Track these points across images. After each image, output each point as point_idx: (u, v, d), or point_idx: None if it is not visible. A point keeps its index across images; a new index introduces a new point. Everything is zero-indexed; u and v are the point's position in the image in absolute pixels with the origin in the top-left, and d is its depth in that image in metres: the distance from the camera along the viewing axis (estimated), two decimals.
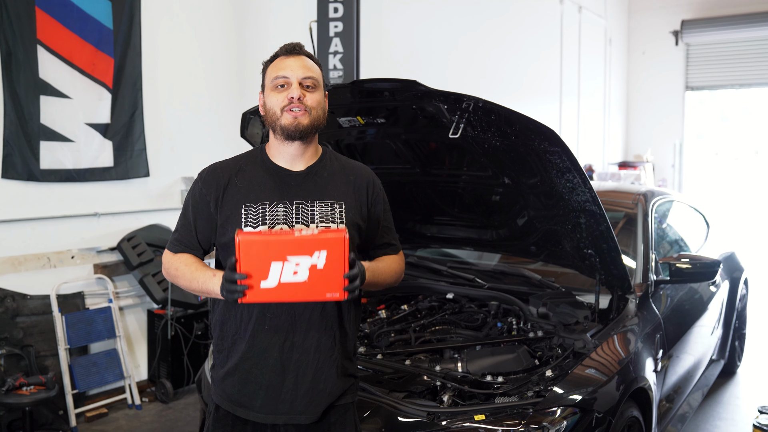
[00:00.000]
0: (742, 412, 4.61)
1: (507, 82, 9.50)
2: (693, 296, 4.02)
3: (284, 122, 2.00)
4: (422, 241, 3.84)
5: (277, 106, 2.00)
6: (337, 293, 1.77)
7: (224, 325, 2.06)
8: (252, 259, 1.72)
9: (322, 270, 1.74)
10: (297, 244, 1.73)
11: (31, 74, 4.21)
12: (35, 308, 4.30)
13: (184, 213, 2.09)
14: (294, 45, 2.07)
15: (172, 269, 2.06)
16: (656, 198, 4.15)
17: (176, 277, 2.04)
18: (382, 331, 3.18)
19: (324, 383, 2.01)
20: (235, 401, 2.03)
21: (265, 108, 2.05)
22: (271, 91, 2.03)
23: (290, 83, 2.00)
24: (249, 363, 2.01)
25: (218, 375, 2.07)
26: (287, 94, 2.00)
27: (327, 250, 1.73)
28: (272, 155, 2.08)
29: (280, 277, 1.74)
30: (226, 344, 2.06)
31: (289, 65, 2.02)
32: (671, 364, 3.49)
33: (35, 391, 3.85)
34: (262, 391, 2.00)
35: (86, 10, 4.47)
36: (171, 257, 2.08)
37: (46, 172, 4.34)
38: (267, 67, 2.07)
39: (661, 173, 13.44)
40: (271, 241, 1.73)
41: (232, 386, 2.03)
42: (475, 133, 2.65)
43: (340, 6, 5.34)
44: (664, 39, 13.35)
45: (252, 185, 2.02)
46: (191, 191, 2.09)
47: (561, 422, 2.39)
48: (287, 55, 2.05)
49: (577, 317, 3.09)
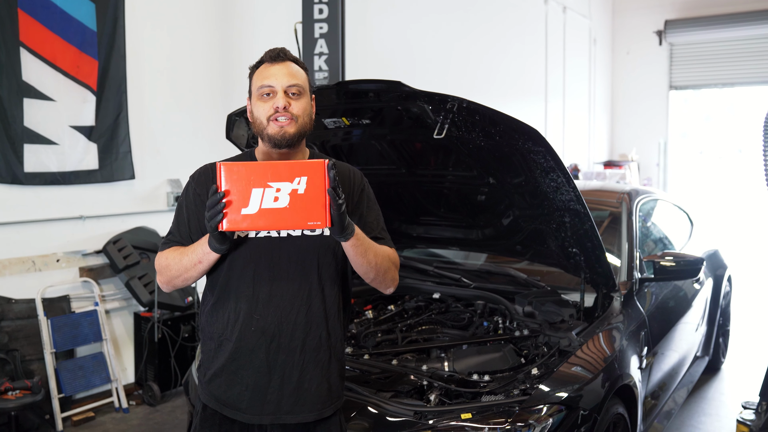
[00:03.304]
0: (726, 407, 4.65)
1: (492, 82, 9.53)
2: (677, 294, 4.06)
3: (271, 132, 2.00)
4: (408, 241, 3.85)
5: (263, 116, 2.01)
6: (318, 221, 1.76)
7: (211, 326, 2.07)
8: (233, 184, 1.73)
9: (302, 195, 1.74)
10: (277, 170, 1.74)
11: (14, 76, 4.18)
12: (20, 312, 4.27)
13: (177, 215, 2.10)
14: (279, 51, 2.06)
15: (162, 262, 2.03)
16: (640, 197, 4.18)
17: (167, 267, 2.01)
18: (369, 331, 3.19)
19: (309, 383, 2.02)
20: (222, 401, 2.04)
21: (253, 116, 2.06)
22: (257, 100, 2.03)
23: (275, 92, 2.00)
24: (236, 364, 2.01)
25: (205, 375, 2.08)
26: (273, 103, 2.00)
27: (308, 176, 1.74)
28: (262, 159, 2.10)
29: (261, 203, 1.74)
30: (213, 345, 2.06)
31: (273, 73, 2.02)
32: (656, 361, 3.52)
33: (21, 395, 3.83)
34: (249, 391, 2.01)
35: (69, 12, 4.44)
36: (161, 254, 2.06)
37: (30, 175, 4.31)
38: (253, 74, 2.07)
39: (646, 172, 13.53)
40: (251, 166, 1.75)
41: (218, 387, 2.04)
42: (459, 134, 2.66)
43: (325, 7, 5.35)
44: (648, 39, 13.45)
45: None
46: (185, 193, 2.10)
47: (547, 420, 2.40)
48: (272, 62, 2.04)
49: (562, 315, 3.11)
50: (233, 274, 2.02)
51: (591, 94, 13.02)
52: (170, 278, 2.03)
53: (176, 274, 2.00)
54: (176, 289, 2.23)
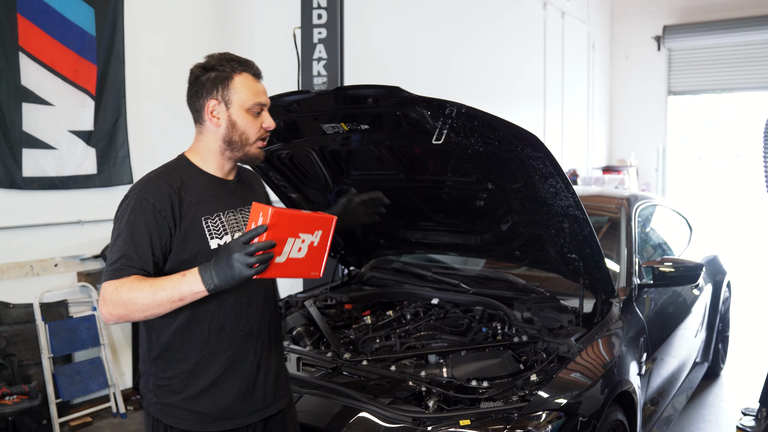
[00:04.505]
0: (726, 414, 4.64)
1: (491, 87, 9.55)
2: (676, 299, 4.05)
3: (254, 152, 2.04)
4: (407, 246, 3.85)
5: (252, 134, 2.02)
6: (317, 271, 1.83)
7: (184, 345, 1.97)
8: (276, 231, 1.67)
9: (315, 248, 1.79)
10: (307, 222, 1.75)
11: (13, 81, 4.18)
12: (18, 317, 4.26)
13: (132, 235, 1.85)
14: (256, 66, 2.06)
15: (123, 295, 1.76)
16: (639, 202, 4.18)
17: (130, 301, 1.76)
18: (368, 337, 3.18)
19: (280, 371, 2.17)
20: (211, 415, 2.00)
21: (235, 128, 2.00)
22: (245, 113, 2.00)
23: (263, 112, 2.03)
24: (228, 373, 2.01)
25: (178, 400, 1.99)
26: (262, 122, 2.03)
27: (323, 230, 1.79)
28: (203, 164, 2.05)
29: (289, 253, 1.73)
30: (188, 365, 1.98)
31: (262, 90, 2.04)
32: (655, 367, 3.51)
33: (18, 400, 3.82)
34: (239, 398, 2.03)
35: (68, 17, 4.45)
36: (116, 284, 1.79)
37: (29, 179, 4.31)
38: (231, 78, 2.00)
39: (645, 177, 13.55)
40: (294, 216, 1.73)
41: (205, 403, 2.00)
42: (458, 139, 2.66)
43: (323, 13, 5.35)
44: (647, 44, 13.49)
45: (202, 197, 1.99)
46: (139, 210, 1.87)
47: (546, 426, 2.39)
48: (257, 78, 2.04)
49: (561, 321, 3.10)
50: None
51: (590, 99, 13.04)
52: (129, 312, 1.78)
53: (142, 309, 1.77)
54: None
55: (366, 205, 2.61)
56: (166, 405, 2.00)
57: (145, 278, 1.81)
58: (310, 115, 2.90)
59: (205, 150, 2.05)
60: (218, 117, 2.00)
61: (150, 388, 2.03)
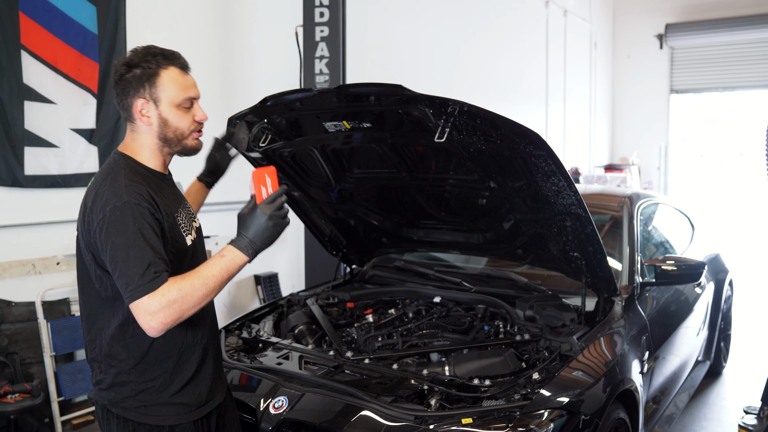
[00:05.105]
0: (727, 412, 4.64)
1: (493, 86, 9.54)
2: (679, 298, 4.05)
3: (191, 144, 2.06)
4: (409, 244, 3.85)
5: (185, 128, 2.03)
6: None
7: (169, 342, 1.99)
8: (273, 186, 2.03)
9: None
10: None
11: (15, 79, 4.18)
12: (20, 315, 4.27)
13: (144, 243, 1.82)
14: (182, 58, 2.04)
15: (172, 296, 1.79)
16: (641, 200, 4.18)
17: (183, 300, 1.80)
18: (370, 335, 3.18)
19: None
20: (191, 407, 2.06)
21: (167, 125, 2.00)
22: (176, 109, 2.00)
23: (194, 105, 2.05)
24: (203, 362, 2.10)
25: (162, 398, 2.01)
26: (194, 115, 2.05)
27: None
28: (146, 161, 2.04)
29: None
30: (171, 364, 2.01)
31: (192, 84, 2.05)
32: (657, 365, 3.51)
33: (20, 398, 3.83)
34: (212, 382, 2.14)
35: (70, 15, 4.45)
36: (160, 293, 1.78)
37: (31, 178, 4.31)
38: (157, 74, 1.97)
39: (647, 176, 13.54)
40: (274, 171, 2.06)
41: (187, 395, 2.05)
42: (460, 137, 2.66)
43: (326, 11, 5.35)
44: (649, 42, 13.47)
45: (163, 195, 2.00)
46: (138, 216, 1.85)
47: (548, 425, 2.39)
48: (185, 71, 2.03)
49: (563, 320, 3.10)
50: None
51: (592, 97, 13.03)
52: (184, 312, 1.82)
53: (197, 302, 1.84)
54: None
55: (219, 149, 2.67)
56: (150, 406, 2.00)
57: (182, 277, 1.84)
58: (312, 113, 2.90)
59: (143, 147, 2.03)
60: (148, 116, 1.99)
61: (128, 395, 2.00)
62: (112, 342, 1.98)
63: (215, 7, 5.48)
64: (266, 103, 2.90)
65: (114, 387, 2.01)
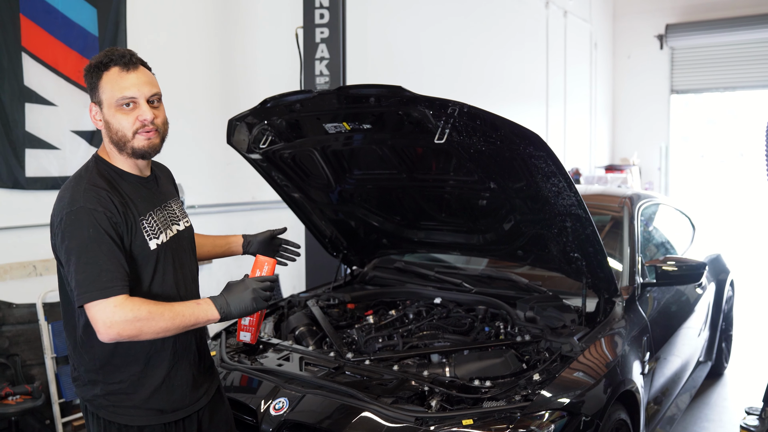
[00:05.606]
0: (729, 413, 4.63)
1: (493, 86, 9.54)
2: (680, 298, 4.04)
3: (138, 145, 1.98)
4: (409, 246, 3.85)
5: (127, 129, 1.96)
6: None
7: (129, 350, 1.97)
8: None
9: None
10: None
11: (16, 82, 4.18)
12: (21, 317, 4.27)
13: (99, 249, 1.82)
14: (129, 56, 1.97)
15: (138, 314, 1.80)
16: (642, 201, 4.18)
17: (147, 324, 1.81)
18: (370, 336, 3.18)
19: (209, 354, 2.27)
20: (164, 410, 2.04)
21: (110, 128, 1.96)
22: (115, 111, 1.95)
23: (138, 103, 1.96)
24: (176, 368, 2.06)
25: (134, 401, 2.01)
26: (137, 115, 1.95)
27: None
28: (118, 163, 2.03)
29: None
30: (138, 368, 2.00)
31: (132, 83, 1.95)
32: (658, 366, 3.51)
33: (21, 400, 3.82)
34: (188, 388, 2.09)
35: (71, 17, 4.45)
36: (117, 304, 1.79)
37: (32, 179, 4.31)
38: (100, 77, 1.95)
39: (648, 176, 13.54)
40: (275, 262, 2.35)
41: (160, 400, 2.03)
42: (460, 138, 2.66)
43: (326, 12, 5.35)
44: (649, 43, 13.47)
45: (131, 200, 1.98)
46: (93, 221, 1.84)
47: (549, 426, 2.39)
48: (127, 69, 1.95)
49: (564, 321, 3.10)
50: (156, 283, 2.01)
51: (592, 98, 13.03)
52: (142, 334, 1.83)
53: (157, 331, 1.84)
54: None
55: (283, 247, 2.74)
56: (120, 407, 2.00)
57: (156, 303, 1.86)
58: (312, 114, 2.90)
59: (110, 150, 2.02)
60: (99, 120, 1.98)
61: (99, 394, 2.01)
62: (80, 342, 2.00)
63: (215, 9, 5.48)
64: (266, 105, 2.91)
65: (87, 385, 2.03)
